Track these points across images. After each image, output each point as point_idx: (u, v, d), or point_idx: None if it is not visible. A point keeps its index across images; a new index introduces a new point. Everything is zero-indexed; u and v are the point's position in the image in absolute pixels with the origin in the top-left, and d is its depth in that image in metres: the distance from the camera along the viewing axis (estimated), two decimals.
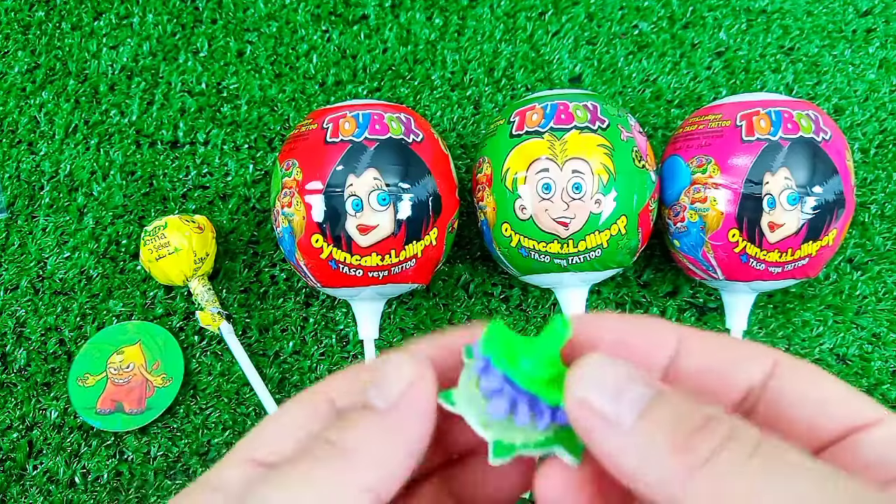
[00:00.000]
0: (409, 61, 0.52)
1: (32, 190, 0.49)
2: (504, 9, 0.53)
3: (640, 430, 0.13)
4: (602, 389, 0.14)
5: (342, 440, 0.15)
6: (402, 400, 0.15)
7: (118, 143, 0.50)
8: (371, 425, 0.15)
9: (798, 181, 0.37)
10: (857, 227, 0.48)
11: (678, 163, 0.41)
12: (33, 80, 0.52)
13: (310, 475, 0.15)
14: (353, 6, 0.53)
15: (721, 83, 0.51)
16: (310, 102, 0.51)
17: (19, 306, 0.46)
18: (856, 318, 0.46)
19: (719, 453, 0.12)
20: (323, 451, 0.15)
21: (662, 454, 0.13)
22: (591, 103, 0.39)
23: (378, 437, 0.15)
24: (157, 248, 0.43)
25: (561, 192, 0.37)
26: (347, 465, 0.15)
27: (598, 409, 0.14)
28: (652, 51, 0.52)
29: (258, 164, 0.49)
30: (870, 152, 0.49)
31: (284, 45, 0.52)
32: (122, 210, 0.48)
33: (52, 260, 0.47)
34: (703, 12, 0.53)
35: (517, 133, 0.39)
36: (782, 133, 0.38)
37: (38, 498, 0.42)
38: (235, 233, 0.48)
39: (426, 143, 0.40)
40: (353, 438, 0.15)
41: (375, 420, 0.15)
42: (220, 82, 0.51)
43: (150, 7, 0.53)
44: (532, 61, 0.52)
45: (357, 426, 0.15)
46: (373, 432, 0.15)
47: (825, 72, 0.51)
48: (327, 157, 0.38)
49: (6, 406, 0.44)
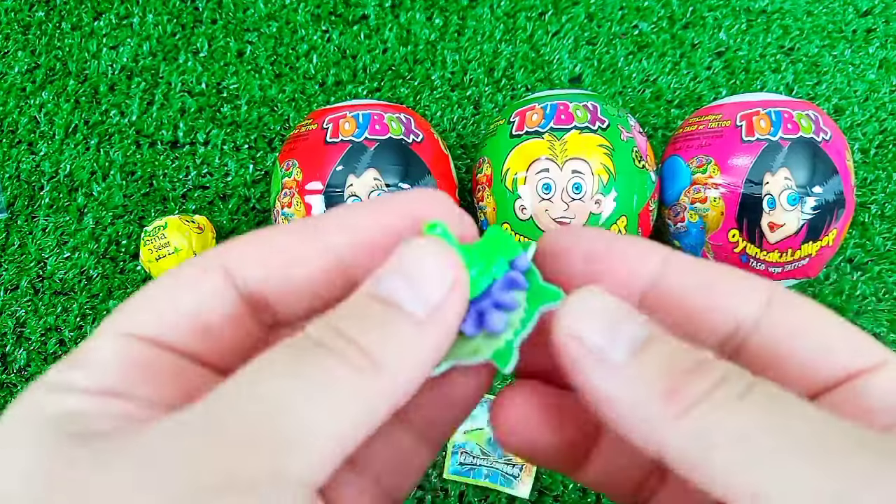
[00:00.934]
0: (409, 61, 0.52)
1: (32, 190, 0.49)
2: (504, 9, 0.53)
3: (631, 369, 0.13)
4: (596, 323, 0.13)
5: (376, 347, 0.12)
6: (443, 307, 0.13)
7: (118, 143, 0.50)
8: (408, 336, 0.13)
9: (798, 181, 0.37)
10: (857, 227, 0.48)
11: (678, 163, 0.41)
12: (33, 80, 0.52)
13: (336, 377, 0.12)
14: (353, 6, 0.53)
15: (721, 83, 0.51)
16: (310, 102, 0.51)
17: (19, 306, 0.46)
18: (856, 318, 0.46)
19: (709, 396, 0.12)
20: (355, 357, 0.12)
21: (652, 395, 0.12)
22: (591, 103, 0.39)
23: (414, 351, 0.13)
24: (157, 248, 0.43)
25: (561, 193, 0.37)
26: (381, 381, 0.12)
27: (590, 343, 0.13)
28: (652, 51, 0.52)
29: (258, 164, 0.49)
30: (870, 152, 0.49)
31: (284, 45, 0.52)
32: (122, 210, 0.48)
33: (52, 260, 0.47)
34: (703, 12, 0.53)
35: (517, 133, 0.39)
36: (782, 133, 0.38)
37: None
38: (235, 233, 0.48)
39: (426, 143, 0.40)
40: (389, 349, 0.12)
41: (411, 329, 0.13)
42: (220, 82, 0.51)
43: (150, 7, 0.53)
44: (532, 61, 0.52)
45: (392, 334, 0.12)
46: (410, 345, 0.13)
47: (825, 72, 0.51)
48: (327, 158, 0.38)
49: (6, 406, 0.44)
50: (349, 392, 0.12)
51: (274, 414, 0.11)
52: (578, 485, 0.44)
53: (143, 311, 0.13)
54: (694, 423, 0.12)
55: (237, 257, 0.14)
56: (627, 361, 0.13)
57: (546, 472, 0.44)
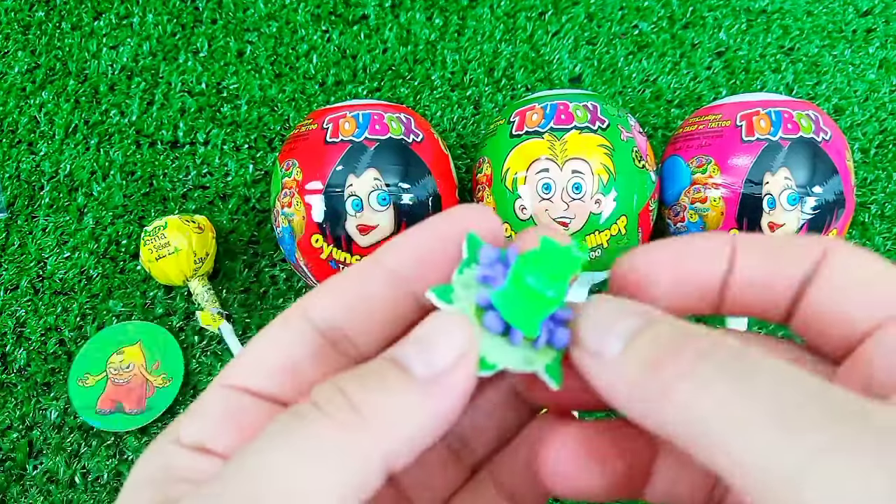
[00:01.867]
0: (409, 61, 0.52)
1: (32, 190, 0.49)
2: (504, 9, 0.53)
3: (624, 359, 0.13)
4: (590, 328, 0.14)
5: (367, 405, 0.13)
6: (448, 374, 0.13)
7: (118, 143, 0.50)
8: (406, 394, 0.13)
9: (798, 181, 0.37)
10: (857, 227, 0.48)
11: (678, 163, 0.41)
12: (33, 80, 0.52)
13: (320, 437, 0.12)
14: (353, 6, 0.53)
15: (721, 83, 0.51)
16: (310, 102, 0.51)
17: (19, 306, 0.46)
18: None
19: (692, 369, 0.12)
20: (342, 414, 0.12)
21: (644, 378, 0.13)
22: (591, 103, 0.39)
23: (410, 410, 0.13)
24: (157, 248, 0.43)
25: (561, 192, 0.37)
26: (369, 436, 0.12)
27: (587, 346, 0.14)
28: (652, 51, 0.52)
29: (258, 164, 0.49)
30: (870, 152, 0.49)
31: (284, 45, 0.52)
32: (122, 210, 0.48)
33: (52, 260, 0.47)
34: (703, 12, 0.53)
35: (517, 133, 0.39)
36: (782, 133, 0.38)
37: (38, 498, 0.42)
38: (235, 233, 0.48)
39: (426, 143, 0.40)
40: (381, 406, 0.13)
41: (412, 389, 0.13)
42: (220, 82, 0.51)
43: (150, 7, 0.53)
44: (532, 61, 0.52)
45: (388, 392, 0.13)
46: (405, 403, 0.13)
47: (825, 72, 0.51)
48: (327, 157, 0.38)
49: (6, 406, 0.44)
50: (333, 449, 0.12)
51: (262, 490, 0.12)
52: None
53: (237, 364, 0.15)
54: (681, 397, 0.12)
55: (314, 301, 0.15)
56: (621, 352, 0.13)
57: None
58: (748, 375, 0.11)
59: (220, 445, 0.14)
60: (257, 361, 0.15)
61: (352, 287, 0.15)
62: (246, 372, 0.15)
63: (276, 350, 0.15)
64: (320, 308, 0.15)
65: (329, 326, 0.15)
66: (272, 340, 0.15)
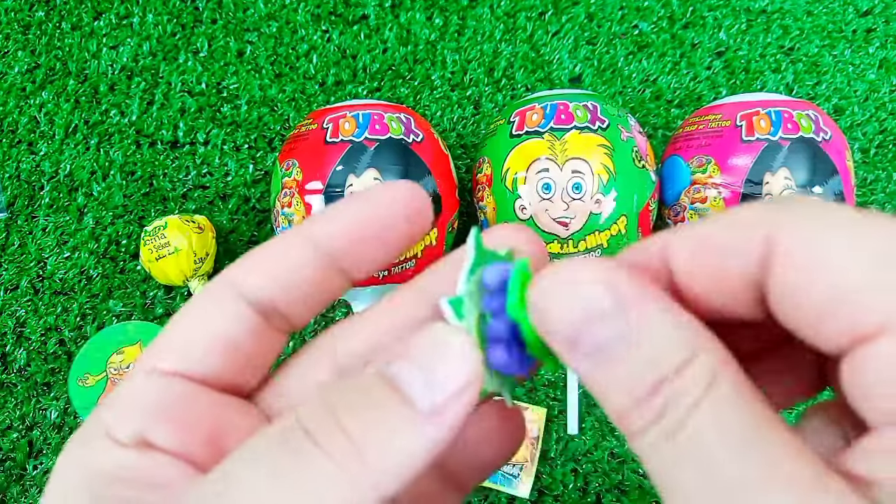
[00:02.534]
0: (409, 61, 0.52)
1: (32, 190, 0.49)
2: (504, 9, 0.53)
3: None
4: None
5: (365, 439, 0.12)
6: (449, 406, 0.12)
7: (118, 143, 0.50)
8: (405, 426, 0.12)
9: (798, 181, 0.37)
10: None
11: (678, 163, 0.41)
12: (33, 80, 0.52)
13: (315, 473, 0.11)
14: (353, 6, 0.53)
15: (721, 83, 0.51)
16: (310, 102, 0.51)
17: (19, 306, 0.46)
18: None
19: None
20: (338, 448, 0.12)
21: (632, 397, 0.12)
22: (591, 103, 0.39)
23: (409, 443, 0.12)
24: (157, 248, 0.43)
25: (561, 192, 0.37)
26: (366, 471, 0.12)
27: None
28: (652, 51, 0.52)
29: (258, 164, 0.49)
30: (870, 152, 0.49)
31: (284, 45, 0.52)
32: (122, 210, 0.48)
33: (52, 260, 0.47)
34: (703, 12, 0.53)
35: (517, 133, 0.39)
36: (782, 133, 0.38)
37: (38, 498, 0.42)
38: (235, 233, 0.48)
39: (426, 143, 0.40)
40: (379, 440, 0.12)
41: (413, 420, 0.12)
42: (220, 82, 0.51)
43: (150, 7, 0.53)
44: (532, 61, 0.52)
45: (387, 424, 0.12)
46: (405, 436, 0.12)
47: (825, 72, 0.51)
48: (327, 157, 0.38)
49: (6, 406, 0.44)
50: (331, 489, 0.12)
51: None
52: (578, 484, 0.44)
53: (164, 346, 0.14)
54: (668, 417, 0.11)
55: (241, 273, 0.14)
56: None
57: (546, 471, 0.44)
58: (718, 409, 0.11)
59: (162, 440, 0.13)
60: (187, 342, 0.14)
61: (281, 260, 0.14)
62: (175, 355, 0.14)
63: (207, 328, 0.14)
64: (251, 282, 0.14)
65: (260, 300, 0.14)
66: (200, 318, 0.14)
